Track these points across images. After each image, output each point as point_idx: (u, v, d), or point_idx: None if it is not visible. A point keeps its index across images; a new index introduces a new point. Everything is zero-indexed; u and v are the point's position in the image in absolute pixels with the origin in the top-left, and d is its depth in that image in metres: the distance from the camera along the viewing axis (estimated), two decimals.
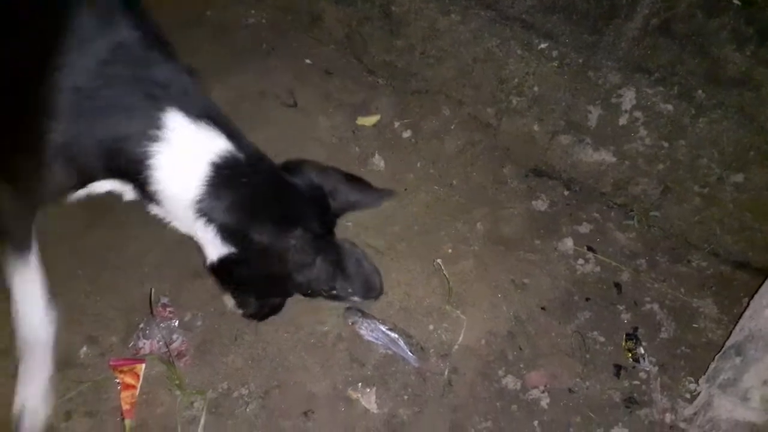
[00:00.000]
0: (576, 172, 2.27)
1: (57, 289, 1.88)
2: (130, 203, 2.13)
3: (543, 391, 1.82)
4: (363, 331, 1.84)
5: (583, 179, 2.28)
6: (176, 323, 1.83)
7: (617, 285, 2.11)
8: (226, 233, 1.46)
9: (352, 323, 1.86)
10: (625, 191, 2.21)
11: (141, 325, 1.79)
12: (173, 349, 1.78)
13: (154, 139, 1.35)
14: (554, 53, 1.99)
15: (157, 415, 1.67)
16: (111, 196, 2.15)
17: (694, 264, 2.20)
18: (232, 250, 1.48)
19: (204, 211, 1.43)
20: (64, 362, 1.73)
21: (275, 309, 1.76)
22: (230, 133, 1.47)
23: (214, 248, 1.51)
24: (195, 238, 1.54)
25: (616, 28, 1.81)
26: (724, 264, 2.18)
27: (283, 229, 1.46)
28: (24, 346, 1.58)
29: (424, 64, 2.34)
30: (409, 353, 1.82)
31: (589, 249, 2.19)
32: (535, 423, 1.76)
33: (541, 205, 2.30)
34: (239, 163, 1.45)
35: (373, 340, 1.84)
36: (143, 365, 1.70)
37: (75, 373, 1.73)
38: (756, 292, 1.73)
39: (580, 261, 2.15)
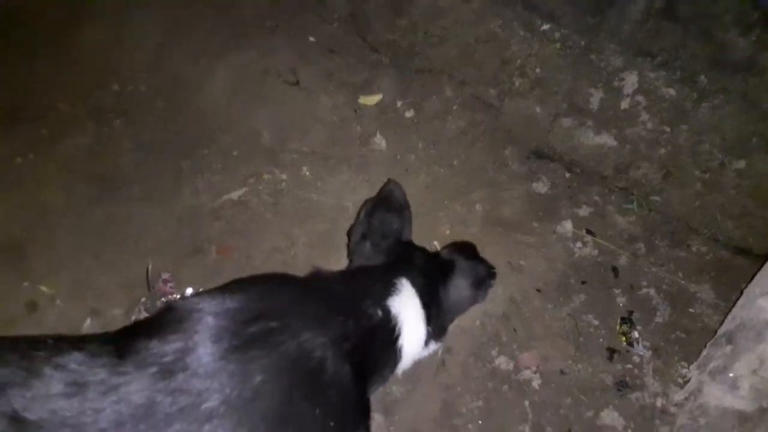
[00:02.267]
0: (577, 154, 2.26)
1: (62, 264, 1.94)
2: (136, 179, 2.18)
3: (535, 372, 1.84)
4: None
5: (585, 162, 2.27)
6: (177, 298, 1.87)
7: (614, 269, 2.11)
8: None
9: None
10: (626, 175, 2.20)
11: (143, 299, 1.84)
12: None
13: None
14: (556, 35, 1.97)
15: None
16: (115, 172, 2.19)
17: (694, 249, 2.19)
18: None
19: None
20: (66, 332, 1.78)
21: None
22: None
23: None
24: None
25: (619, 10, 1.79)
26: (724, 249, 2.17)
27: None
28: None
29: (427, 44, 2.32)
30: None
31: (588, 232, 2.19)
32: (526, 403, 1.79)
33: (541, 187, 2.29)
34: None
35: None
36: None
37: None
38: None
39: (578, 244, 2.16)
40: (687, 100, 1.86)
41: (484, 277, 1.68)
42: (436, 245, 1.97)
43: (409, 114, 2.37)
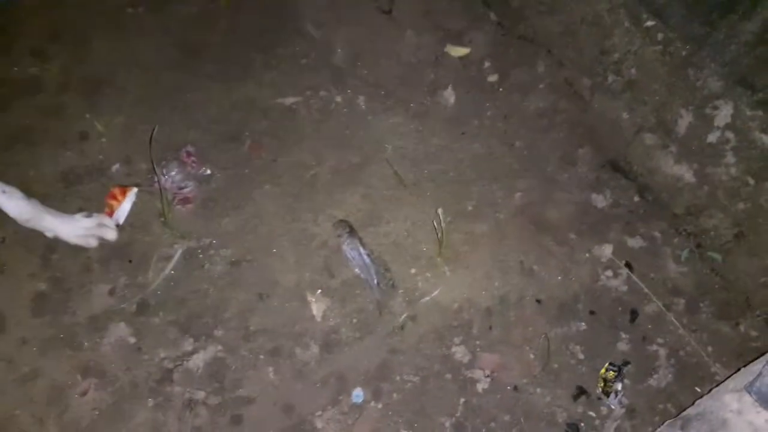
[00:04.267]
0: (653, 180, 1.99)
1: (122, 109, 2.13)
2: (215, 58, 2.29)
3: (487, 376, 1.73)
4: (345, 247, 1.86)
5: (658, 191, 2.00)
6: (194, 173, 1.98)
7: (634, 312, 1.87)
8: None
9: (338, 236, 1.88)
10: (697, 220, 1.91)
11: (163, 162, 1.96)
12: (181, 194, 1.94)
13: None
14: (659, 36, 1.70)
15: (143, 241, 1.86)
16: (203, 45, 2.31)
17: (741, 328, 1.87)
18: None
19: None
20: (96, 170, 1.98)
21: None
22: None
23: None
24: None
25: (730, 25, 1.49)
26: None
27: None
28: None
29: (536, 11, 2.12)
30: (375, 283, 1.81)
31: (627, 265, 1.95)
32: (461, 400, 1.69)
33: (601, 201, 2.06)
34: None
35: (350, 258, 1.85)
36: (135, 190, 1.89)
37: (101, 181, 1.95)
38: None
39: (609, 273, 1.93)
40: None
41: None
42: (440, 213, 1.87)
43: (492, 78, 2.22)
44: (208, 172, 2.00)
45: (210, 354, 1.69)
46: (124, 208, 1.87)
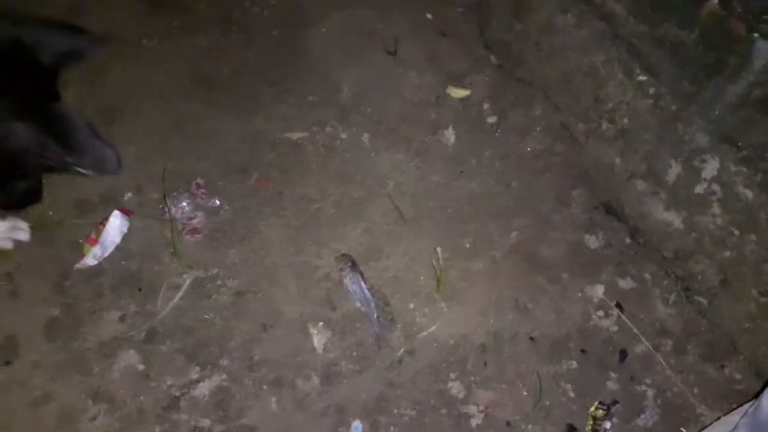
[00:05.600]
0: (644, 224, 2.08)
1: (134, 138, 2.20)
2: (226, 90, 2.38)
3: (481, 411, 1.79)
4: (346, 280, 1.93)
5: (649, 234, 2.08)
6: (203, 204, 2.06)
7: (623, 352, 1.95)
8: None
9: (340, 269, 1.95)
10: (685, 264, 1.99)
11: (174, 194, 2.04)
12: (190, 224, 2.01)
13: None
14: (651, 90, 1.80)
15: (153, 270, 1.93)
16: (214, 77, 2.40)
17: (727, 371, 1.94)
18: None
19: None
20: (110, 198, 2.05)
21: (29, 195, 1.73)
22: None
23: None
24: None
25: (717, 86, 1.59)
26: (759, 385, 1.90)
27: None
28: None
29: (535, 57, 2.22)
30: (376, 317, 1.88)
31: (618, 306, 2.02)
32: None
33: (594, 242, 2.14)
34: None
35: (351, 291, 1.92)
36: (116, 212, 1.95)
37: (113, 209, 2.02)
38: None
39: (600, 313, 2.01)
40: (762, 210, 1.62)
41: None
42: (438, 251, 1.94)
43: (491, 119, 2.32)
44: (217, 203, 2.07)
45: (215, 383, 1.75)
46: (107, 231, 1.91)
